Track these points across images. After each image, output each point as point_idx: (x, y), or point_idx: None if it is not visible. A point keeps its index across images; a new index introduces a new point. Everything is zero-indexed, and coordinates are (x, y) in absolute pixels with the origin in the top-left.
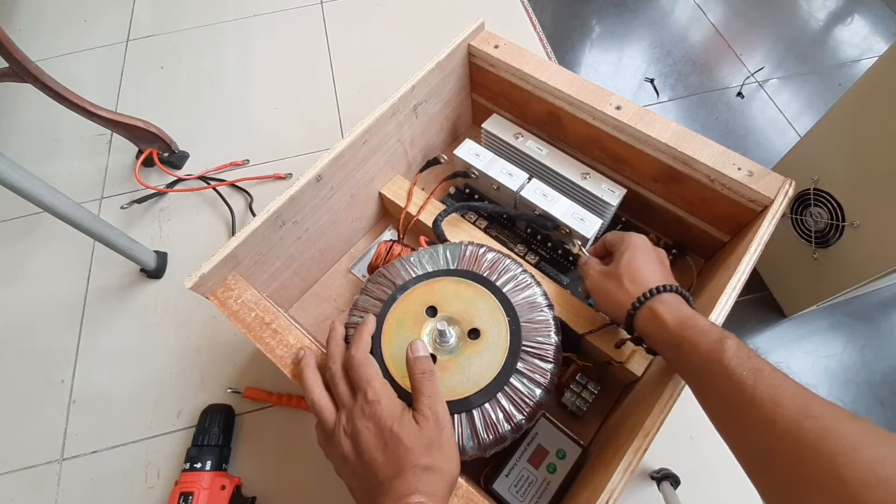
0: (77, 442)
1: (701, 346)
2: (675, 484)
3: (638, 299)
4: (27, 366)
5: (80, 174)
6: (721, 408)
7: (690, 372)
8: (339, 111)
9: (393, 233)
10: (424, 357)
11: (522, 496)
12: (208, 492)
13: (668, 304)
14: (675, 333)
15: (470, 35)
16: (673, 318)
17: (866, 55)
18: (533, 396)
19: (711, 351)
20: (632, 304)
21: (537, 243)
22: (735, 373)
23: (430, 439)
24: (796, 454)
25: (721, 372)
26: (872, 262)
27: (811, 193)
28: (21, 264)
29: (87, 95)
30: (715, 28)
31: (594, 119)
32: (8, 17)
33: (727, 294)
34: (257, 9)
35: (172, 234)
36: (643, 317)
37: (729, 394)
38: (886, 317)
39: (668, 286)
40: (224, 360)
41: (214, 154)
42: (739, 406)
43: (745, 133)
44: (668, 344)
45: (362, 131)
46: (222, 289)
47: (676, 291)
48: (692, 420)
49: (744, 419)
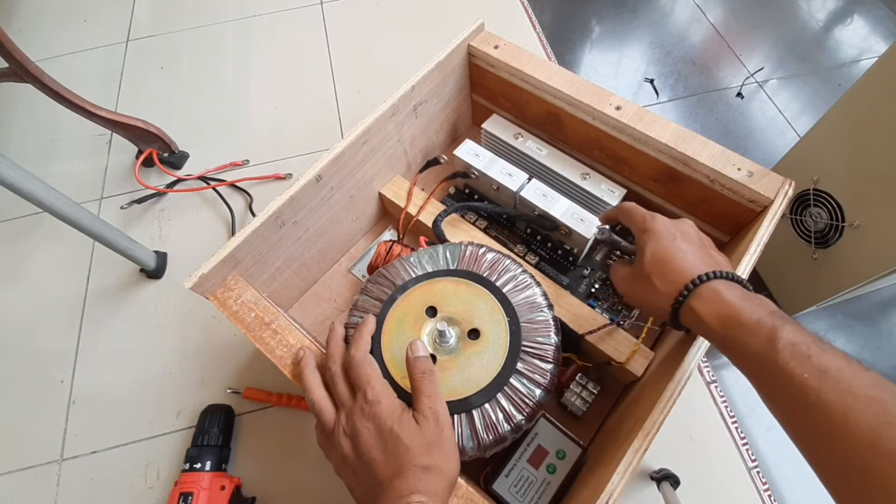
0: (77, 442)
1: (750, 347)
2: (675, 484)
3: (676, 300)
4: (27, 366)
5: (79, 174)
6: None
7: (747, 373)
8: (339, 111)
9: (393, 233)
10: (424, 357)
11: (522, 496)
12: (208, 492)
13: (706, 299)
14: (720, 334)
15: (470, 35)
16: (714, 317)
17: (866, 55)
18: (533, 397)
19: (763, 353)
20: (670, 306)
21: (537, 243)
22: (795, 376)
23: (430, 439)
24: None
25: (779, 376)
26: (872, 263)
27: (811, 194)
28: (21, 264)
29: (87, 95)
30: (715, 28)
31: (594, 119)
32: (8, 17)
33: None
34: (257, 9)
35: (172, 234)
36: (686, 317)
37: (791, 400)
38: (886, 317)
39: (703, 277)
40: (224, 360)
41: (214, 154)
42: (805, 413)
43: (745, 133)
44: (718, 344)
45: (362, 131)
46: (222, 289)
47: (716, 277)
48: (692, 420)
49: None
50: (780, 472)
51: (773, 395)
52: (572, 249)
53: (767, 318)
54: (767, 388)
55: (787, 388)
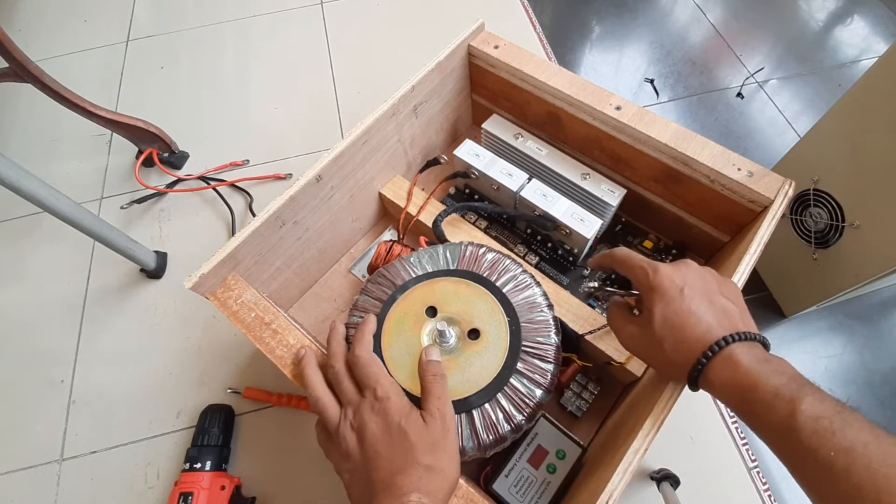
0: (77, 442)
1: (772, 422)
2: (675, 484)
3: (693, 369)
4: (27, 366)
5: (80, 174)
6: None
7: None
8: (339, 111)
9: (393, 233)
10: (437, 361)
11: (522, 496)
12: (208, 492)
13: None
14: (739, 407)
15: (470, 35)
16: (731, 387)
17: (866, 55)
18: (533, 397)
19: (784, 430)
20: (688, 376)
21: (537, 243)
22: (819, 455)
23: (435, 438)
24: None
25: (802, 452)
26: (872, 263)
27: (811, 194)
28: (21, 264)
29: (87, 95)
30: (715, 28)
31: (594, 119)
32: (8, 17)
33: None
34: (257, 9)
35: (172, 234)
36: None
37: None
38: (886, 317)
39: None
40: (224, 360)
41: (214, 154)
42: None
43: (745, 133)
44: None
45: (362, 131)
46: (222, 289)
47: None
48: (692, 420)
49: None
50: (780, 472)
51: (800, 472)
52: (572, 249)
53: (786, 388)
54: (793, 464)
55: (813, 466)
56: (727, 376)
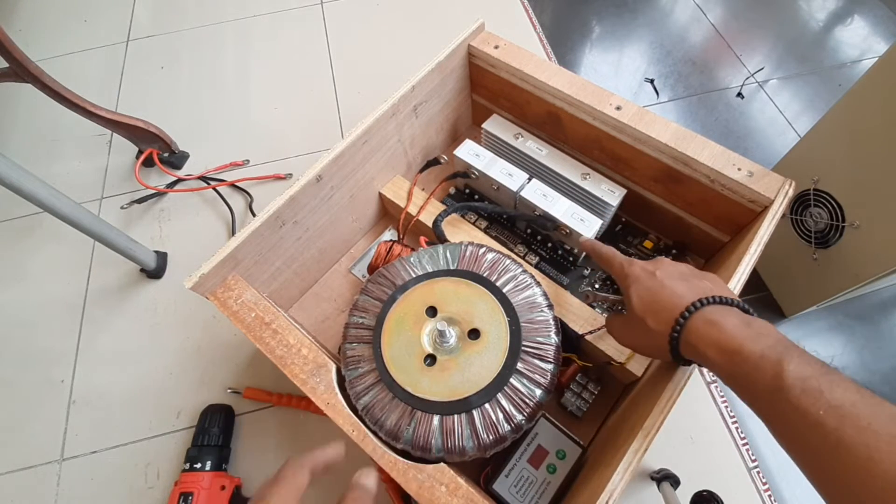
0: (77, 442)
1: (758, 384)
2: (675, 484)
3: (671, 336)
4: (27, 366)
5: (80, 174)
6: (801, 452)
7: (755, 409)
8: (339, 111)
9: (393, 233)
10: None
11: (522, 496)
12: (208, 492)
13: (703, 332)
14: (725, 369)
15: (470, 35)
16: (716, 351)
17: (866, 55)
18: (533, 397)
19: (772, 390)
20: (668, 344)
21: (537, 243)
22: (809, 414)
23: None
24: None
25: (791, 414)
26: (872, 263)
27: (811, 194)
28: (21, 264)
29: (87, 95)
30: (715, 28)
31: (594, 119)
32: (8, 17)
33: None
34: (257, 9)
35: (172, 234)
36: (687, 352)
37: (808, 439)
38: (886, 317)
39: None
40: (224, 360)
41: (214, 154)
42: (824, 454)
43: (745, 133)
44: (723, 377)
45: (362, 131)
46: (222, 289)
47: (708, 303)
48: (692, 420)
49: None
50: (780, 472)
51: (787, 433)
52: (572, 249)
53: (772, 350)
54: (780, 426)
55: (801, 426)
56: (710, 341)
